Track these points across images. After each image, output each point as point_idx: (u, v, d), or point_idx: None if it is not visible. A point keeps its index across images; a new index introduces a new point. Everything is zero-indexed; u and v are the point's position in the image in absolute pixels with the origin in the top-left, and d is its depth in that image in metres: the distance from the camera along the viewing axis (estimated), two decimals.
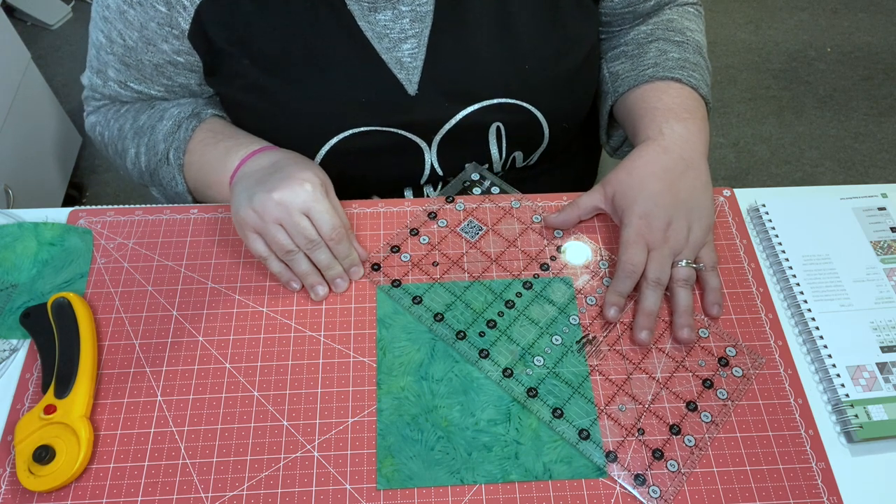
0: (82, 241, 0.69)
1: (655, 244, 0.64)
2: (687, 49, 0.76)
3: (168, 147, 0.73)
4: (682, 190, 0.66)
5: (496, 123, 0.72)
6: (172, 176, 0.73)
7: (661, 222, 0.65)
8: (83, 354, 0.60)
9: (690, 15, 0.81)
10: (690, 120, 0.70)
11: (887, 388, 0.61)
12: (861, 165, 1.91)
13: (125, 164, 0.78)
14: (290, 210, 0.62)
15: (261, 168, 0.67)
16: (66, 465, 0.55)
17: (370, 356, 0.63)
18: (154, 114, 0.75)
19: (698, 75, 0.74)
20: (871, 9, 2.30)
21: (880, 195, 0.74)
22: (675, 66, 0.74)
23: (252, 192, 0.63)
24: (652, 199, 0.65)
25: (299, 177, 0.63)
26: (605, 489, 0.56)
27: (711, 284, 0.66)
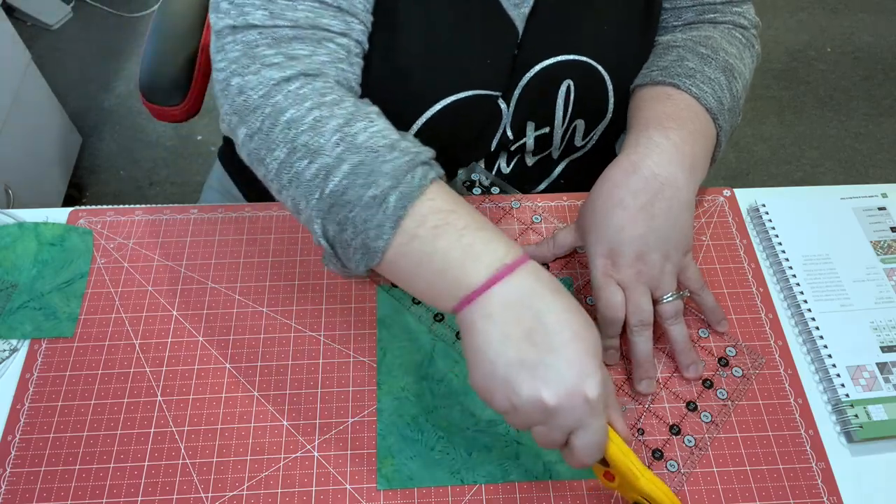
0: (82, 241, 0.69)
1: (627, 283, 0.58)
2: (709, 63, 0.67)
3: (394, 187, 0.50)
4: (656, 215, 0.58)
5: (567, 81, 0.70)
6: (379, 225, 0.50)
7: (629, 258, 0.58)
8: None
9: (735, 40, 0.72)
10: (675, 130, 0.61)
11: (887, 388, 0.61)
12: (861, 165, 1.91)
13: (270, 159, 0.55)
14: (553, 425, 0.47)
15: (518, 318, 0.47)
16: None
17: (370, 356, 0.63)
18: (368, 127, 0.54)
19: (708, 88, 0.65)
20: (871, 9, 2.29)
21: (880, 195, 0.74)
22: (683, 74, 0.66)
23: (513, 370, 0.46)
24: (617, 233, 0.58)
25: (582, 370, 0.46)
26: (605, 489, 0.56)
27: (707, 304, 0.63)
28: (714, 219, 0.73)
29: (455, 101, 0.67)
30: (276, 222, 0.71)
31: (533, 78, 0.70)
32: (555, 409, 0.45)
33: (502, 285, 0.47)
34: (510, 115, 0.72)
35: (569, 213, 0.73)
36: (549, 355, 0.46)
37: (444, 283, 0.49)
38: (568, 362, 0.45)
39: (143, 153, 1.86)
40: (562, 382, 0.45)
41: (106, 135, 1.89)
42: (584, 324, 0.47)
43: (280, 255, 0.69)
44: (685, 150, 0.60)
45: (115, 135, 1.89)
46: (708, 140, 0.64)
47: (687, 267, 0.62)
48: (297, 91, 0.55)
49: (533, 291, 0.47)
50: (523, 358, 0.46)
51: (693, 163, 0.61)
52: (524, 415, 0.46)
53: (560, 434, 0.47)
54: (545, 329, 0.46)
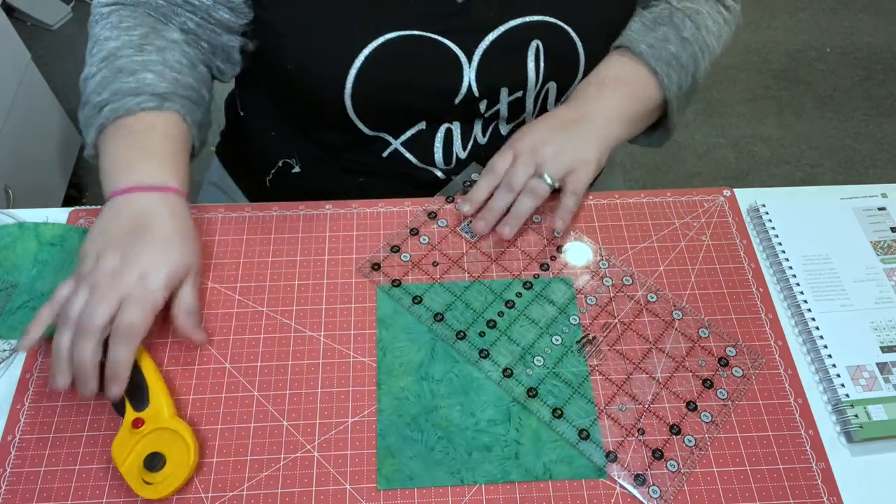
0: (82, 241, 0.69)
1: (521, 152, 0.68)
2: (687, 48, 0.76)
3: (110, 100, 0.65)
4: (567, 129, 0.69)
5: (536, 41, 0.72)
6: (91, 125, 0.66)
7: (535, 138, 0.68)
8: (143, 363, 0.59)
9: (718, 17, 0.80)
10: (612, 87, 0.72)
11: (887, 388, 0.61)
12: (861, 165, 1.91)
13: (82, 69, 0.70)
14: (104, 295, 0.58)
15: (132, 217, 0.61)
16: (181, 464, 0.55)
17: (370, 356, 0.63)
18: (133, 59, 0.67)
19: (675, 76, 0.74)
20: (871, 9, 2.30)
21: (880, 195, 0.74)
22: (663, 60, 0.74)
23: (106, 245, 0.60)
24: (533, 126, 0.70)
25: (151, 267, 0.59)
26: (605, 489, 0.56)
27: (565, 204, 0.68)
28: (714, 219, 0.73)
29: (391, 39, 0.69)
30: (276, 222, 0.71)
31: (499, 38, 0.71)
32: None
33: (138, 195, 0.62)
34: (473, 70, 0.72)
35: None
36: (136, 244, 0.59)
37: (111, 174, 0.64)
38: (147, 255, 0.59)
39: None
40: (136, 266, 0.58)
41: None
42: (179, 242, 0.62)
43: (280, 255, 0.69)
44: (616, 104, 0.72)
45: None
46: (646, 101, 0.74)
47: (576, 172, 0.68)
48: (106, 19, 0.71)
49: (154, 209, 0.62)
50: (120, 240, 0.60)
51: (619, 115, 0.72)
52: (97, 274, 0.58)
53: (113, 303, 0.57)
54: (146, 229, 0.60)
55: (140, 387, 0.58)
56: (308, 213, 0.72)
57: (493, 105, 0.75)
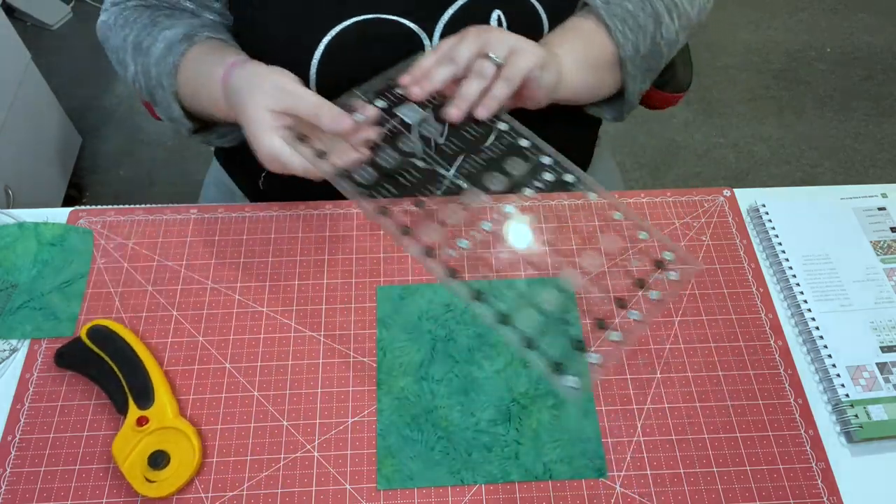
0: (82, 241, 0.69)
1: (467, 33, 0.63)
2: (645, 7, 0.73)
3: (160, 73, 0.71)
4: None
5: (497, 11, 0.71)
6: (168, 103, 0.71)
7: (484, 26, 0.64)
8: (147, 362, 0.60)
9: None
10: (569, 33, 0.71)
11: (887, 388, 0.61)
12: (861, 165, 1.91)
13: (126, 78, 0.76)
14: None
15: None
16: (185, 462, 0.56)
17: (370, 356, 0.63)
18: (152, 33, 0.73)
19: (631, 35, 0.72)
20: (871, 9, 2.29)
21: (880, 195, 0.74)
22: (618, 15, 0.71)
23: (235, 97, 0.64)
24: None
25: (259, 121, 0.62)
26: (606, 489, 0.56)
27: (494, 89, 0.62)
28: (714, 219, 0.73)
29: (355, 23, 0.69)
30: (276, 222, 0.71)
31: (458, 12, 0.71)
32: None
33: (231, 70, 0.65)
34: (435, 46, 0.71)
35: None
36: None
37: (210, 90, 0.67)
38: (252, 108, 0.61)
39: (143, 153, 1.86)
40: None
41: (106, 135, 1.89)
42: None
43: (280, 255, 0.69)
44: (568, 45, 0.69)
45: (115, 135, 1.89)
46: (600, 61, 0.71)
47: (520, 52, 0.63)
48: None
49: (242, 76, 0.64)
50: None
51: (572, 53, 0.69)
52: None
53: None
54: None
55: (144, 385, 0.58)
56: (308, 213, 0.72)
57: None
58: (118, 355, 0.60)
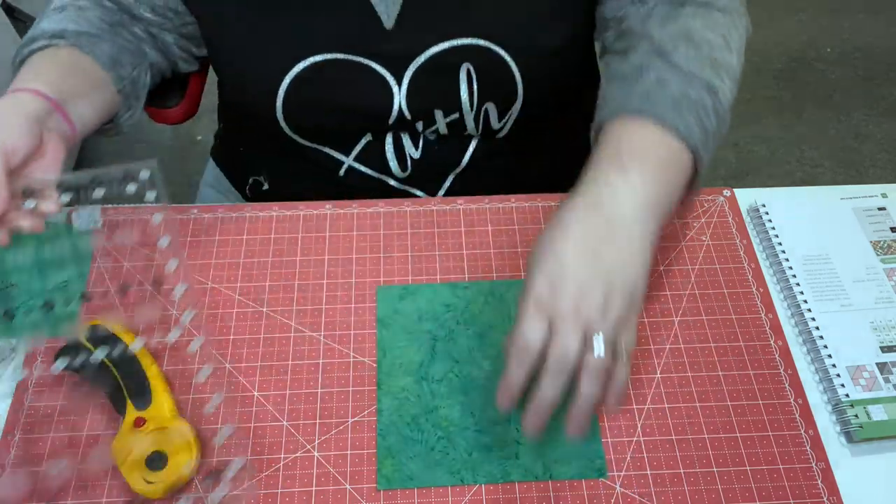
0: (82, 241, 0.69)
1: (561, 314, 0.50)
2: (693, 82, 0.61)
3: (17, 54, 0.68)
4: (605, 257, 0.53)
5: (466, 65, 0.70)
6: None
7: (571, 292, 0.51)
8: (144, 363, 0.59)
9: (717, 25, 0.65)
10: (636, 169, 0.56)
11: (887, 388, 0.61)
12: (861, 165, 1.90)
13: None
14: None
15: None
16: (183, 463, 0.55)
17: (370, 356, 0.63)
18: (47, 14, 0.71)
19: (692, 118, 0.59)
20: (871, 9, 2.29)
21: (880, 195, 0.74)
22: (666, 104, 0.59)
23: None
24: (560, 260, 0.52)
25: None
26: (606, 489, 0.56)
27: (618, 377, 0.51)
28: (714, 219, 0.73)
29: (318, 62, 0.69)
30: (276, 222, 0.71)
31: (427, 62, 0.70)
32: None
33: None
34: (403, 94, 0.72)
35: None
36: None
37: None
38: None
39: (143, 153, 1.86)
40: None
41: None
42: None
43: (280, 255, 0.69)
44: (647, 190, 0.56)
45: None
46: (679, 173, 0.59)
47: (628, 326, 0.53)
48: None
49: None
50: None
51: (652, 202, 0.56)
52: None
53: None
54: None
55: (142, 385, 0.58)
56: (308, 213, 0.72)
57: (431, 125, 0.75)
58: (116, 356, 0.60)
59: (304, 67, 0.70)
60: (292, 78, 0.70)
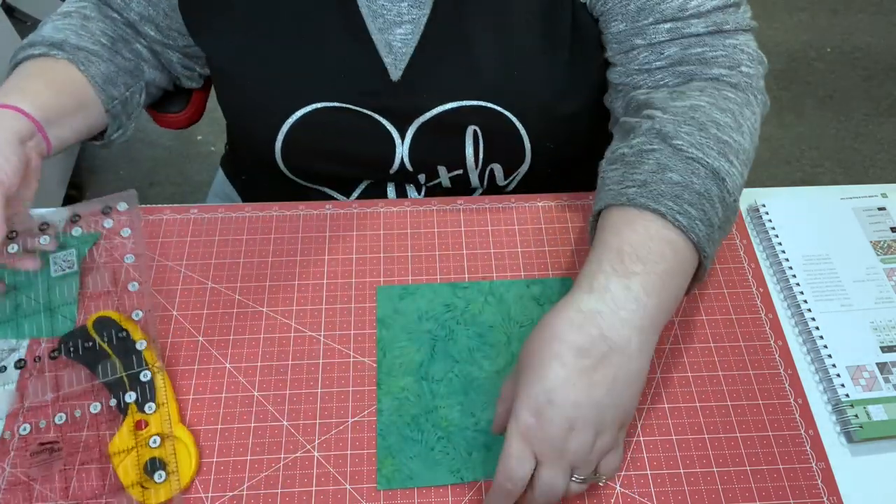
0: (82, 241, 0.69)
1: (547, 453, 0.49)
2: (697, 171, 0.55)
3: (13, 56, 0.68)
4: (597, 383, 0.49)
5: (472, 126, 0.69)
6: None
7: (559, 427, 0.48)
8: (150, 362, 0.59)
9: (728, 102, 0.61)
10: (640, 276, 0.52)
11: (887, 388, 0.61)
12: (861, 165, 1.90)
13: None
14: None
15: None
16: (181, 471, 0.55)
17: (370, 356, 0.63)
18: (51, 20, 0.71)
19: (696, 212, 0.54)
20: (871, 9, 2.29)
21: (880, 195, 0.74)
22: (667, 194, 0.54)
23: None
24: (549, 391, 0.49)
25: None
26: (605, 489, 0.56)
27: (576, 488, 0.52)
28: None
29: (321, 108, 0.69)
30: (276, 222, 0.71)
31: (432, 120, 0.70)
32: None
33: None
34: (406, 148, 0.72)
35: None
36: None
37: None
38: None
39: (143, 153, 1.86)
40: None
41: None
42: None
43: (280, 255, 0.69)
44: (647, 305, 0.51)
45: None
46: (683, 277, 0.55)
47: (613, 450, 0.52)
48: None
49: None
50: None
51: (654, 320, 0.52)
52: None
53: None
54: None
55: (146, 387, 0.58)
56: (308, 213, 0.72)
57: (433, 178, 0.75)
58: (122, 352, 0.60)
59: (307, 112, 0.69)
60: (293, 122, 0.69)
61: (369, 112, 0.70)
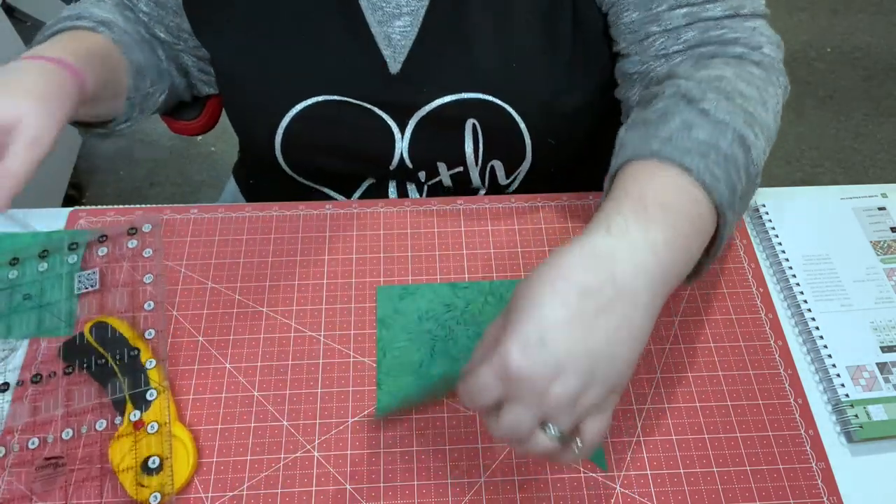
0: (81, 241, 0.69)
1: (522, 398, 0.43)
2: (724, 132, 0.53)
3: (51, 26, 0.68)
4: (595, 334, 0.44)
5: (471, 120, 0.69)
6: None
7: (543, 371, 0.43)
8: (158, 381, 0.59)
9: (753, 78, 0.60)
10: (660, 225, 0.47)
11: (887, 388, 0.61)
12: (861, 165, 1.91)
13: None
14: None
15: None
16: (179, 469, 0.55)
17: (370, 356, 0.63)
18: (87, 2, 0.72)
19: (721, 172, 0.51)
20: (870, 9, 2.29)
21: (880, 195, 0.74)
22: (694, 150, 0.51)
23: None
24: (542, 324, 0.43)
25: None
26: (605, 489, 0.56)
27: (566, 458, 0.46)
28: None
29: (321, 101, 0.69)
30: (276, 222, 0.71)
31: (432, 113, 0.69)
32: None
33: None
34: (406, 143, 0.71)
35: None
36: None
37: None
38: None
39: (143, 153, 1.86)
40: None
41: None
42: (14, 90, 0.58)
43: (280, 255, 0.69)
44: (664, 259, 0.47)
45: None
46: (702, 239, 0.51)
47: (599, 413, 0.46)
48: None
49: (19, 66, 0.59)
50: None
51: (668, 277, 0.47)
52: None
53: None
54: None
55: (143, 387, 0.58)
56: (308, 213, 0.72)
57: (434, 176, 0.75)
58: (120, 355, 0.60)
59: (306, 107, 0.69)
60: (293, 116, 0.69)
61: (369, 106, 0.70)
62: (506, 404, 0.44)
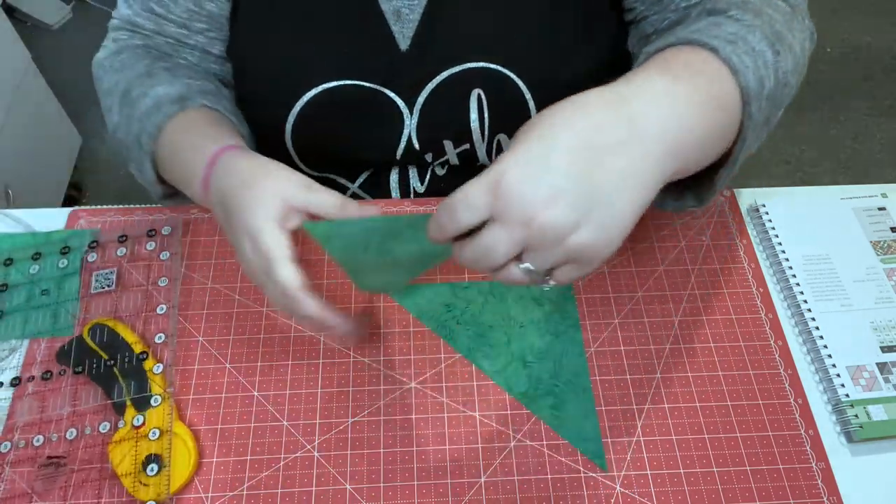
0: (82, 241, 0.69)
1: (509, 219, 0.41)
2: (753, 31, 0.52)
3: (141, 130, 0.64)
4: (602, 167, 0.42)
5: (477, 90, 0.68)
6: (142, 163, 0.64)
7: (541, 193, 0.40)
8: (146, 364, 0.60)
9: (780, 8, 0.57)
10: (685, 82, 0.46)
11: (887, 388, 0.61)
12: (861, 165, 1.91)
13: (108, 127, 0.70)
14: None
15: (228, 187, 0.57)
16: (180, 467, 0.55)
17: (370, 356, 0.63)
18: (144, 84, 0.67)
19: (750, 61, 0.49)
20: (870, 9, 2.29)
21: (880, 195, 0.74)
22: (721, 37, 0.50)
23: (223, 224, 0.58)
24: (549, 148, 0.42)
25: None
26: (605, 489, 0.56)
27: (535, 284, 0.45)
28: (714, 219, 0.73)
29: (331, 87, 0.68)
30: None
31: (439, 86, 0.69)
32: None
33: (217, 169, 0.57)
34: (414, 122, 0.71)
35: None
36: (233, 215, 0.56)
37: (191, 176, 0.60)
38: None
39: None
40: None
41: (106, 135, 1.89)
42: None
43: None
44: (684, 115, 0.45)
45: None
46: (721, 118, 0.48)
47: (579, 265, 0.43)
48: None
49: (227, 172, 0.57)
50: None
51: (683, 141, 0.45)
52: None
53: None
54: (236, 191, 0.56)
55: (143, 387, 0.58)
56: None
57: (440, 156, 0.74)
58: (118, 356, 0.60)
59: (318, 93, 0.68)
60: (304, 103, 0.69)
61: (379, 87, 0.69)
62: (487, 225, 0.42)
